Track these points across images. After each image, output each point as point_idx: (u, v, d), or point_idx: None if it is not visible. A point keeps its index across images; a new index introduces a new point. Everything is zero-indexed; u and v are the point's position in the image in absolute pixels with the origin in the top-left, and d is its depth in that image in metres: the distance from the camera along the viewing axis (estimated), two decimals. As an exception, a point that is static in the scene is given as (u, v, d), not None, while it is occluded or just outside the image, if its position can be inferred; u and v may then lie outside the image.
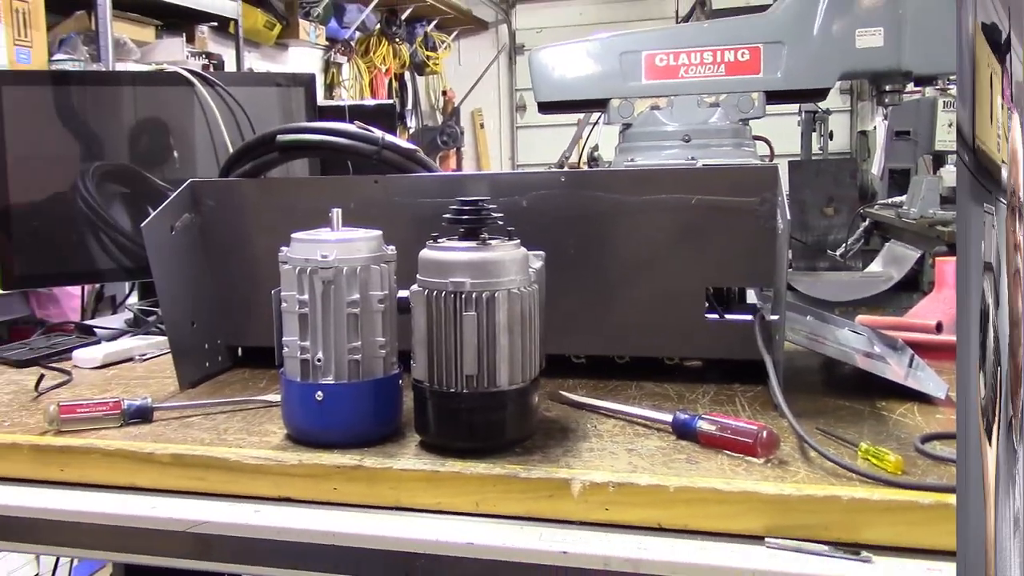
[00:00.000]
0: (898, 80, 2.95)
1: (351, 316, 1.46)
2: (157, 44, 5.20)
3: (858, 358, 1.84)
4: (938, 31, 2.70)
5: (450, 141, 10.42)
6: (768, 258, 1.72)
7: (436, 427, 1.45)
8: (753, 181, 1.75)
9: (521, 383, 1.44)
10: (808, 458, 1.40)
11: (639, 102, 2.95)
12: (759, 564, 1.23)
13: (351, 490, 1.39)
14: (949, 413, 1.63)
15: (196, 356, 1.87)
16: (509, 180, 1.87)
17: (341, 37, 9.01)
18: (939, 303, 2.34)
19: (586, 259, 1.80)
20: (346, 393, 1.46)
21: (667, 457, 1.42)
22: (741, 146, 2.96)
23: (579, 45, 2.98)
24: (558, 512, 1.33)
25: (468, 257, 1.42)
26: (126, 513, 1.39)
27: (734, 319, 1.81)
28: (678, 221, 1.77)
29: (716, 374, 1.84)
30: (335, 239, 1.47)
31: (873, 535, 1.25)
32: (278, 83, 2.68)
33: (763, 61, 2.85)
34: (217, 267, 1.90)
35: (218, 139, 2.53)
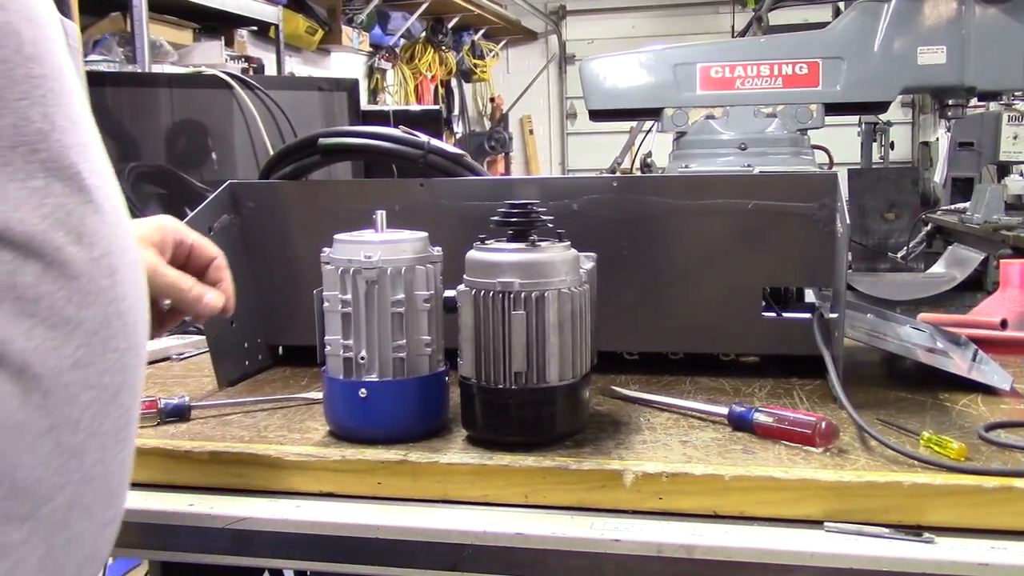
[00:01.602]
0: (961, 95, 2.93)
1: (395, 315, 1.44)
2: (195, 47, 5.18)
3: (920, 353, 1.80)
4: (1002, 49, 2.68)
5: (498, 146, 10.42)
6: (826, 260, 1.70)
7: (484, 422, 1.43)
8: (812, 187, 1.73)
9: (571, 379, 1.42)
10: (868, 447, 1.37)
11: (693, 111, 2.94)
12: (818, 547, 1.20)
13: (396, 484, 1.37)
14: (1015, 404, 1.59)
15: (235, 355, 1.86)
16: (560, 184, 1.86)
17: (385, 44, 9.00)
18: (1004, 302, 2.30)
19: (640, 260, 1.78)
20: (390, 390, 1.44)
21: (722, 448, 1.39)
22: (799, 155, 2.94)
23: (631, 56, 2.98)
24: (610, 502, 1.31)
25: (517, 258, 1.41)
26: (163, 510, 1.37)
27: (792, 317, 1.79)
28: (734, 225, 1.76)
29: (773, 369, 1.80)
30: (379, 240, 1.46)
31: (935, 517, 1.22)
32: (320, 87, 2.69)
33: (822, 75, 2.84)
34: (257, 267, 1.89)
35: (258, 142, 2.54)
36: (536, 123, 12.20)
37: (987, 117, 5.74)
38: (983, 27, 2.69)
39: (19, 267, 0.71)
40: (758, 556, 1.21)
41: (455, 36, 10.43)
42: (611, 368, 1.79)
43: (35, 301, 0.72)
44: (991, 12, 2.68)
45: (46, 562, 0.74)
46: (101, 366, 0.77)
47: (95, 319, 0.76)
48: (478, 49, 11.09)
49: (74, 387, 0.75)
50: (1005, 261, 2.54)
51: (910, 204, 4.65)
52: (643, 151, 5.19)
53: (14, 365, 0.70)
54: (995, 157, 5.57)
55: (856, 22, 2.80)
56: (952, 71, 2.73)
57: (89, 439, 0.77)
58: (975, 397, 1.62)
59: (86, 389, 0.76)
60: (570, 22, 12.07)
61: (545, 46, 12.17)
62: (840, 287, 1.61)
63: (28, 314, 0.71)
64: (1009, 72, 2.71)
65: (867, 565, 1.19)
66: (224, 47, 5.45)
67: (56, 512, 0.75)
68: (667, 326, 1.82)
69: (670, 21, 11.33)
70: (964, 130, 5.84)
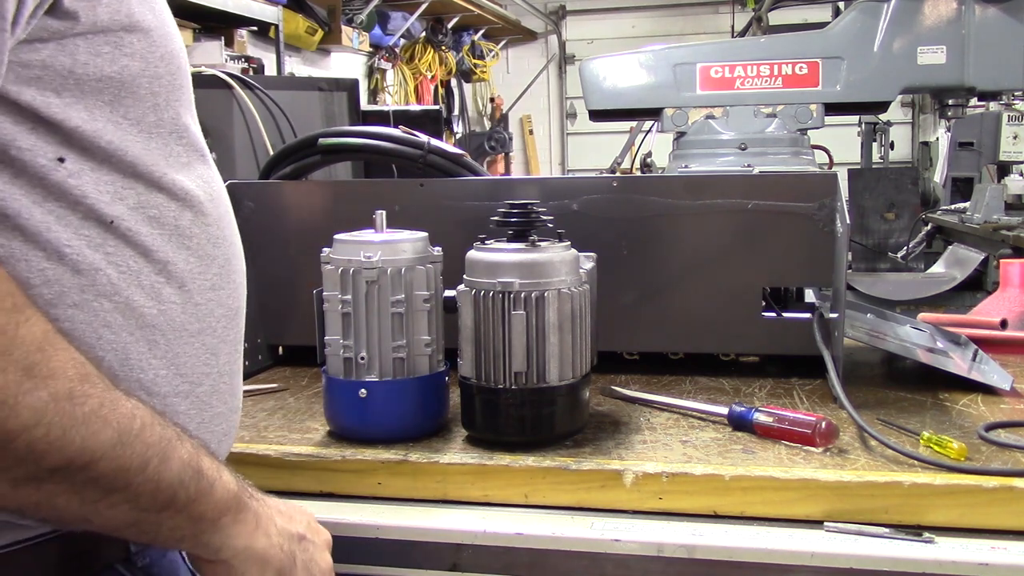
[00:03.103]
0: (961, 95, 2.94)
1: (395, 316, 1.44)
2: (195, 47, 5.15)
3: (920, 352, 1.80)
4: (1002, 49, 2.69)
5: (498, 146, 10.38)
6: (826, 260, 1.70)
7: (484, 422, 1.43)
8: (812, 187, 1.74)
9: (571, 379, 1.42)
10: (868, 447, 1.38)
11: (693, 111, 2.94)
12: (818, 547, 1.20)
13: (396, 484, 1.37)
14: (1014, 403, 1.60)
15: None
16: (559, 184, 1.86)
17: (385, 44, 8.98)
18: (1003, 302, 2.30)
19: (639, 260, 1.78)
20: (390, 390, 1.45)
21: (723, 448, 1.39)
22: (799, 154, 2.94)
23: (631, 56, 2.98)
24: (610, 502, 1.31)
25: (517, 258, 1.41)
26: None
27: (792, 317, 1.79)
28: (735, 225, 1.76)
29: (773, 369, 1.81)
30: (379, 240, 1.46)
31: (935, 517, 1.23)
32: (320, 87, 2.68)
33: (822, 75, 2.85)
34: (257, 267, 1.87)
35: (258, 142, 2.53)
36: (536, 123, 12.19)
37: (987, 117, 5.75)
38: (983, 27, 2.69)
39: (180, 213, 1.06)
40: (758, 556, 1.21)
41: (455, 36, 10.40)
42: (611, 368, 1.79)
43: (189, 237, 1.07)
44: (991, 12, 2.68)
45: (200, 429, 1.08)
46: (227, 291, 1.14)
47: (223, 256, 1.13)
48: (478, 49, 11.07)
49: (212, 303, 1.10)
50: (1005, 261, 2.54)
51: (910, 204, 4.66)
52: (643, 151, 5.20)
53: (178, 282, 1.06)
54: (995, 157, 5.57)
55: (856, 22, 2.80)
56: (952, 71, 2.73)
57: (222, 344, 1.12)
58: (975, 397, 1.62)
59: (219, 306, 1.12)
60: (570, 22, 12.06)
61: (545, 46, 12.16)
62: (840, 287, 1.60)
63: (185, 246, 1.07)
64: (1009, 72, 2.72)
65: (867, 565, 1.19)
66: (224, 47, 5.42)
67: (204, 394, 1.10)
68: (667, 326, 1.81)
69: (670, 21, 11.33)
70: (964, 130, 5.85)
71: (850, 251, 3.83)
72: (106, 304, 0.98)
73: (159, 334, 1.03)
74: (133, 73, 1.00)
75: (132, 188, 1.01)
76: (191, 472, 0.95)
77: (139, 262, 1.02)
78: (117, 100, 1.00)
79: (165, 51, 1.05)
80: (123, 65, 0.99)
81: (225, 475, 1.01)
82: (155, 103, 1.04)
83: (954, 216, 4.61)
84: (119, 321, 1.00)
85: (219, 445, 1.13)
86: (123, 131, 1.00)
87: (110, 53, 0.98)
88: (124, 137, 1.00)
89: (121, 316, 1.00)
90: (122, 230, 1.00)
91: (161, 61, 1.04)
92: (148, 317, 1.02)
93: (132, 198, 1.01)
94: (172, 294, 1.05)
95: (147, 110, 1.03)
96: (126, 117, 1.01)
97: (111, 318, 0.99)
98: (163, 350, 1.04)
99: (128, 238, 1.01)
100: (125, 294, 1.00)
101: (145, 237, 1.02)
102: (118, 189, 1.00)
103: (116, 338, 0.99)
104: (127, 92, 1.00)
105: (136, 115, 1.02)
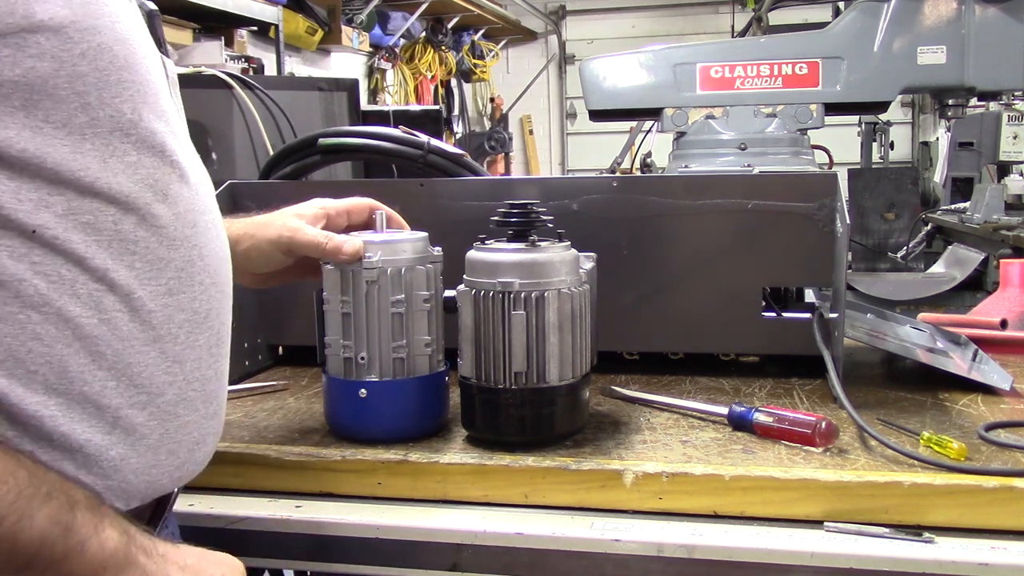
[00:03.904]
0: (961, 95, 2.94)
1: (395, 316, 1.44)
2: (195, 47, 5.14)
3: (920, 352, 1.80)
4: (1002, 49, 2.69)
5: (498, 146, 10.37)
6: (826, 260, 1.70)
7: (484, 422, 1.44)
8: (812, 187, 1.73)
9: (571, 379, 1.42)
10: (868, 447, 1.38)
11: (693, 111, 2.95)
12: (818, 547, 1.20)
13: (396, 484, 1.37)
14: (1014, 403, 1.60)
15: (235, 355, 1.84)
16: (559, 184, 1.86)
17: (385, 44, 8.97)
18: (1003, 302, 2.30)
19: (639, 260, 1.78)
20: (390, 390, 1.44)
21: (723, 448, 1.39)
22: (799, 154, 2.94)
23: (631, 56, 2.98)
24: (610, 502, 1.31)
25: (517, 258, 1.41)
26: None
27: (792, 317, 1.79)
28: (735, 225, 1.76)
29: (773, 369, 1.81)
30: (379, 240, 1.46)
31: (935, 517, 1.23)
32: (320, 87, 2.68)
33: (822, 75, 2.85)
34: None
35: (258, 142, 2.53)
36: (536, 123, 12.20)
37: (987, 117, 5.75)
38: (983, 27, 2.69)
39: (120, 218, 1.02)
40: (758, 556, 1.21)
41: (455, 36, 10.41)
42: (611, 368, 1.79)
43: (134, 242, 1.03)
44: (991, 12, 2.68)
45: (164, 439, 1.06)
46: (190, 294, 1.10)
47: (182, 258, 1.08)
48: (478, 49, 11.08)
49: (170, 308, 1.07)
50: (1005, 261, 2.54)
51: (910, 204, 4.66)
52: (643, 151, 5.20)
53: (122, 290, 1.02)
54: (995, 157, 5.57)
55: (856, 22, 2.80)
56: (952, 71, 2.73)
57: (187, 350, 1.09)
58: (975, 397, 1.62)
59: (179, 311, 1.08)
60: (570, 22, 12.07)
61: (545, 46, 12.17)
62: (840, 287, 1.60)
63: (130, 252, 1.03)
64: (1009, 72, 2.72)
65: (867, 565, 1.19)
66: (224, 47, 5.41)
67: (167, 404, 1.07)
68: (667, 326, 1.81)
69: (670, 21, 11.33)
70: (964, 130, 5.85)
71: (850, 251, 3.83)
72: (34, 316, 0.96)
73: (103, 344, 1.01)
74: (44, 74, 0.95)
75: (60, 195, 0.97)
76: (59, 530, 0.90)
77: (72, 271, 0.98)
78: (31, 104, 0.95)
79: (88, 46, 0.99)
80: (28, 67, 0.94)
81: (107, 532, 0.94)
82: (83, 103, 0.99)
83: (954, 216, 4.61)
84: (52, 333, 0.97)
85: (191, 454, 1.12)
86: (44, 136, 0.96)
87: (10, 56, 0.93)
88: (45, 143, 0.96)
89: (54, 328, 0.97)
90: (47, 239, 0.96)
91: (82, 58, 0.98)
92: (87, 327, 0.99)
93: (60, 205, 0.97)
94: (116, 302, 1.01)
95: (74, 111, 0.98)
96: (47, 121, 0.96)
97: (41, 330, 0.96)
98: (110, 361, 1.01)
99: (56, 246, 0.97)
100: (57, 304, 0.97)
101: (77, 245, 0.98)
102: (43, 196, 0.96)
103: (49, 351, 0.96)
104: (42, 95, 0.96)
105: (60, 118, 0.97)
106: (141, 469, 1.04)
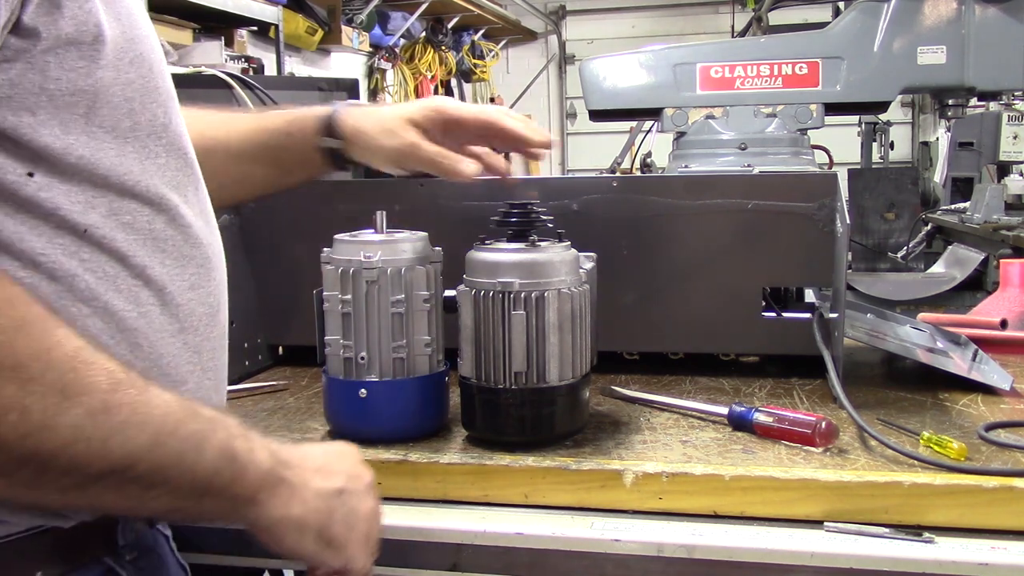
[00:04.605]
0: (961, 95, 2.93)
1: (396, 316, 1.44)
2: (195, 47, 5.15)
3: (920, 352, 1.80)
4: (1002, 49, 2.68)
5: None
6: (826, 260, 1.70)
7: (484, 422, 1.44)
8: (812, 187, 1.74)
9: (571, 379, 1.42)
10: (868, 447, 1.38)
11: (693, 111, 2.94)
12: (818, 547, 1.20)
13: (396, 484, 1.37)
14: (1014, 403, 1.60)
15: (235, 355, 1.85)
16: (559, 184, 1.87)
17: (385, 44, 8.95)
18: (1003, 302, 2.30)
19: (640, 260, 1.78)
20: (390, 390, 1.45)
21: (723, 448, 1.40)
22: (799, 154, 2.93)
23: (631, 56, 2.97)
24: (610, 502, 1.31)
25: (517, 258, 1.41)
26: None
27: (792, 317, 1.79)
28: (734, 225, 1.76)
29: (773, 369, 1.81)
30: (379, 240, 1.46)
31: (935, 517, 1.23)
32: (320, 87, 2.68)
33: (822, 75, 2.84)
34: (258, 267, 1.90)
35: (258, 142, 2.52)
36: (537, 123, 12.17)
37: (987, 117, 5.74)
38: (983, 27, 2.68)
39: (154, 217, 1.09)
40: (758, 556, 1.21)
41: (455, 36, 10.39)
42: (611, 368, 1.79)
43: (164, 240, 1.10)
44: (991, 12, 2.68)
45: None
46: (207, 289, 1.17)
47: (201, 255, 1.16)
48: (478, 49, 11.06)
49: (193, 303, 1.14)
50: (1005, 261, 2.54)
51: (910, 204, 4.66)
52: (643, 151, 5.19)
53: (156, 285, 1.09)
54: (995, 157, 5.57)
55: (856, 22, 2.79)
56: (952, 71, 2.73)
57: (204, 341, 1.17)
58: (975, 397, 1.62)
59: (199, 305, 1.15)
60: (570, 22, 12.06)
61: (545, 46, 12.15)
62: (840, 287, 1.60)
63: (161, 249, 1.10)
64: (1009, 72, 2.71)
65: (867, 565, 1.19)
66: (224, 47, 5.40)
67: (188, 393, 1.11)
68: (667, 326, 1.81)
69: (670, 21, 11.32)
70: (964, 130, 5.84)
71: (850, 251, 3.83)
72: (84, 309, 1.02)
73: (141, 336, 1.07)
74: (107, 82, 1.02)
75: (104, 197, 1.04)
76: (225, 460, 1.01)
77: (115, 267, 1.05)
78: (92, 111, 1.02)
79: (135, 55, 1.06)
80: (98, 77, 1.01)
81: (258, 455, 1.05)
82: (130, 108, 1.06)
83: (954, 216, 4.61)
84: (99, 325, 1.03)
85: None
86: (97, 141, 1.03)
87: (85, 67, 1.00)
88: (98, 147, 1.03)
89: (101, 320, 1.04)
90: (96, 237, 1.03)
91: (131, 66, 1.06)
92: (128, 320, 1.06)
93: (104, 206, 1.04)
94: (150, 296, 1.09)
95: (122, 116, 1.05)
96: (101, 126, 1.03)
97: (90, 322, 1.02)
98: (146, 352, 1.08)
99: (103, 245, 1.04)
100: (104, 299, 1.04)
101: (120, 243, 1.05)
102: (90, 199, 1.03)
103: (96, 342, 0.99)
104: (102, 102, 1.03)
105: (111, 122, 1.04)
106: None
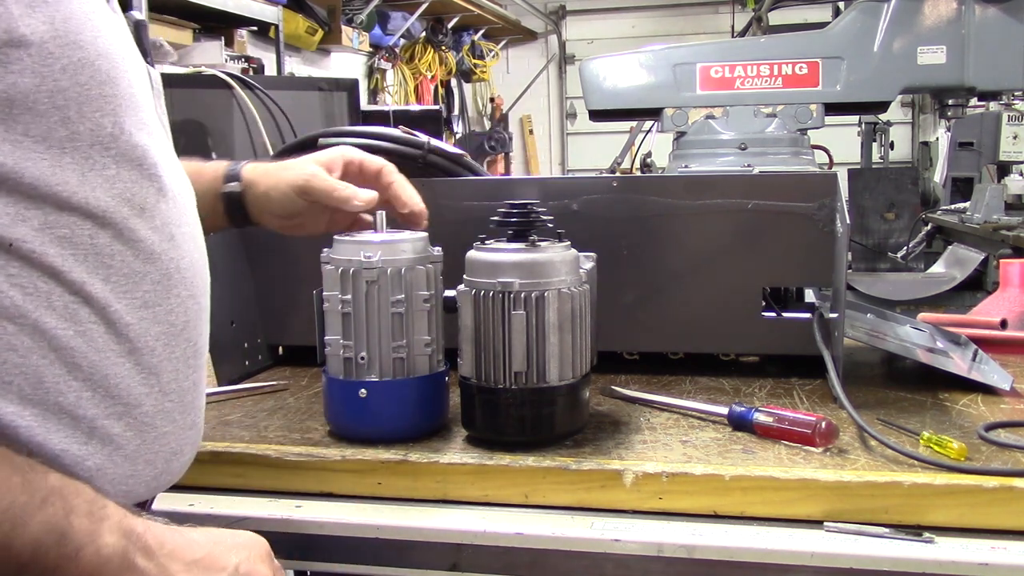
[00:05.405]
0: (961, 95, 2.94)
1: (395, 316, 1.44)
2: (195, 47, 5.14)
3: (920, 352, 1.80)
4: (1002, 49, 2.68)
5: (498, 146, 10.33)
6: (826, 260, 1.70)
7: (483, 422, 1.44)
8: (812, 187, 1.73)
9: (571, 379, 1.42)
10: (868, 447, 1.38)
11: (693, 111, 2.94)
12: (818, 547, 1.20)
13: (396, 484, 1.37)
14: (1014, 403, 1.59)
15: (235, 355, 1.86)
16: (559, 184, 1.86)
17: (385, 44, 8.96)
18: (1003, 302, 2.30)
19: (640, 260, 1.78)
20: (390, 390, 1.44)
21: (722, 448, 1.39)
22: (799, 154, 2.94)
23: (631, 56, 2.98)
24: (610, 502, 1.31)
25: (517, 258, 1.41)
26: (164, 510, 1.35)
27: (792, 317, 1.79)
28: (735, 225, 1.76)
29: (773, 369, 1.80)
30: (379, 240, 1.46)
31: (935, 517, 1.23)
32: (320, 87, 2.68)
33: (822, 75, 2.85)
34: (258, 267, 1.90)
35: (258, 142, 2.52)
36: (536, 123, 12.19)
37: (987, 117, 5.75)
38: (983, 27, 2.69)
39: (96, 232, 1.02)
40: (758, 556, 1.21)
41: (455, 36, 10.40)
42: (611, 368, 1.79)
43: (110, 256, 1.03)
44: (991, 12, 2.68)
45: (141, 450, 1.07)
46: (166, 307, 1.10)
47: (158, 271, 1.09)
48: (478, 49, 11.07)
49: (146, 321, 1.07)
50: (1005, 261, 2.54)
51: (910, 204, 4.66)
52: (643, 151, 5.20)
53: (98, 303, 1.02)
54: (995, 157, 5.58)
55: (856, 22, 2.80)
56: (952, 71, 2.73)
57: (164, 362, 1.10)
58: (975, 397, 1.62)
59: (156, 324, 1.08)
60: (570, 22, 12.07)
61: (545, 46, 12.16)
62: (840, 287, 1.60)
63: (105, 265, 1.03)
64: (1009, 72, 2.72)
65: (867, 565, 1.19)
66: (224, 47, 5.40)
67: (144, 415, 1.07)
68: (667, 326, 1.81)
69: (670, 21, 11.33)
70: (964, 130, 5.85)
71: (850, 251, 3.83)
72: (10, 327, 0.96)
73: (79, 356, 1.01)
74: (25, 89, 0.96)
75: (38, 209, 0.98)
76: (53, 537, 0.90)
77: (48, 283, 0.99)
78: (11, 118, 0.96)
79: (70, 61, 0.99)
80: (10, 83, 0.95)
81: (105, 537, 0.94)
82: (64, 117, 0.99)
83: (954, 216, 4.61)
84: (27, 343, 0.98)
85: (168, 464, 1.12)
86: (24, 150, 0.97)
87: None
88: (24, 156, 0.97)
89: (29, 338, 0.98)
90: (24, 252, 0.97)
91: (63, 73, 0.98)
92: (62, 339, 1.00)
93: (37, 219, 0.98)
94: (91, 315, 1.02)
95: (54, 125, 0.98)
96: (27, 135, 0.97)
97: (16, 341, 0.97)
98: (87, 372, 1.02)
99: (32, 260, 0.98)
100: (33, 316, 0.98)
101: (53, 258, 0.99)
102: (19, 211, 0.97)
103: (24, 361, 0.97)
104: (22, 109, 0.96)
105: (40, 132, 0.98)
106: (118, 479, 1.05)
